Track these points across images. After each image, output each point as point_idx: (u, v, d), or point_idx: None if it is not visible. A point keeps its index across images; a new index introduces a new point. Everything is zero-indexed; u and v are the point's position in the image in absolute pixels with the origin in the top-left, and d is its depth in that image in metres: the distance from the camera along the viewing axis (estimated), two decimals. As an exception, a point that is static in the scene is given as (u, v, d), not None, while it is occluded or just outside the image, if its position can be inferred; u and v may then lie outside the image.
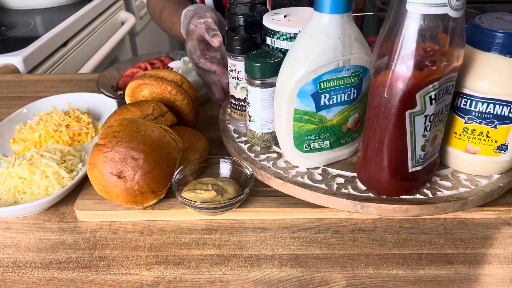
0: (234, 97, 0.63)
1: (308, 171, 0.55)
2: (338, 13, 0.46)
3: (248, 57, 0.55)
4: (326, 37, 0.46)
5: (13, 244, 0.51)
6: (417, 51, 0.42)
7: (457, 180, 0.53)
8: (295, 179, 0.54)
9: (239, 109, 0.63)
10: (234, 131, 0.65)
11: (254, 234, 0.52)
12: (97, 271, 0.47)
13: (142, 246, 0.51)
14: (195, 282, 0.46)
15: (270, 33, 0.56)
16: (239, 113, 0.64)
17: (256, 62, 0.54)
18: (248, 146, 0.61)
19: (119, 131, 0.52)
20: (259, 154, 0.59)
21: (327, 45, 0.47)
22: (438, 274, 0.46)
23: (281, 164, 0.57)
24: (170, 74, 0.63)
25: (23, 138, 0.67)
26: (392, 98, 0.44)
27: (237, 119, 0.65)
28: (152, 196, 0.52)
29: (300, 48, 0.48)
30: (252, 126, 0.59)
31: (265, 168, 0.56)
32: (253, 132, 0.59)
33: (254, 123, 0.58)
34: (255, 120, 0.58)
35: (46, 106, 0.75)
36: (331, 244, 0.50)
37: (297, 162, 0.56)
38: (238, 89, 0.61)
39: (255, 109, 0.57)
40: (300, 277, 0.46)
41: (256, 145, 0.60)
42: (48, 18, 1.47)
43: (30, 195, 0.56)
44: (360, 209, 0.50)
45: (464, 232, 0.51)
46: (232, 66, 0.60)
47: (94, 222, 0.54)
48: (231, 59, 0.60)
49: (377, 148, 0.48)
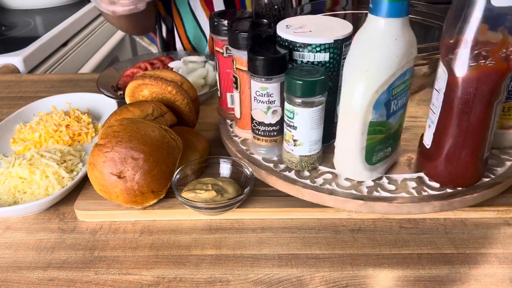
0: (263, 123, 0.56)
1: (376, 183, 0.53)
2: (406, 15, 0.44)
3: (292, 77, 0.49)
4: (396, 42, 0.45)
5: (13, 244, 0.51)
6: (506, 44, 0.43)
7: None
8: (380, 195, 0.51)
9: (269, 135, 0.57)
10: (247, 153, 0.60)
11: (254, 234, 0.52)
12: (97, 271, 0.48)
13: (142, 246, 0.51)
14: (195, 282, 0.46)
15: (298, 48, 0.52)
16: (269, 140, 0.57)
17: (308, 79, 0.48)
18: (293, 172, 0.55)
19: (119, 131, 0.52)
20: (314, 178, 0.54)
21: (399, 50, 0.45)
22: (438, 274, 0.46)
23: (344, 183, 0.53)
24: (170, 74, 0.63)
25: (23, 138, 0.67)
26: (486, 91, 0.45)
27: (263, 146, 0.58)
28: (152, 196, 0.52)
29: (370, 56, 0.46)
30: (298, 151, 0.53)
31: (334, 191, 0.52)
32: (299, 157, 0.54)
33: (301, 146, 0.53)
34: (303, 143, 0.53)
35: (46, 106, 0.75)
36: (331, 244, 0.50)
37: (363, 176, 0.53)
38: (270, 114, 0.55)
39: (304, 131, 0.52)
40: (300, 277, 0.46)
41: (301, 170, 0.55)
42: (48, 18, 1.47)
43: (30, 195, 0.56)
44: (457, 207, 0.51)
45: (464, 232, 0.51)
46: (262, 90, 0.53)
47: (94, 222, 0.54)
48: (261, 82, 0.53)
49: (463, 142, 0.48)
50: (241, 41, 0.54)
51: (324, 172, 0.55)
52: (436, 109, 0.49)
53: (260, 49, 0.53)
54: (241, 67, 0.56)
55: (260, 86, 0.53)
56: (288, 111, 0.52)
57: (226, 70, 0.62)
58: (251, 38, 0.54)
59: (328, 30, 0.53)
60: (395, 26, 0.44)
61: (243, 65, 0.55)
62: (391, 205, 0.50)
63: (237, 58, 0.56)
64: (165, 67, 0.84)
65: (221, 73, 0.63)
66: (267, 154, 0.58)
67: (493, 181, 0.53)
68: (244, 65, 0.55)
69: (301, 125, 0.52)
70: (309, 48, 0.51)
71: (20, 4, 1.56)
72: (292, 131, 0.52)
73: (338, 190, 0.52)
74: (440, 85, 0.48)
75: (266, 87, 0.53)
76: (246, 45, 0.54)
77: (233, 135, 0.63)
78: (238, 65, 0.56)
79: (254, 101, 0.55)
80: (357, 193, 0.52)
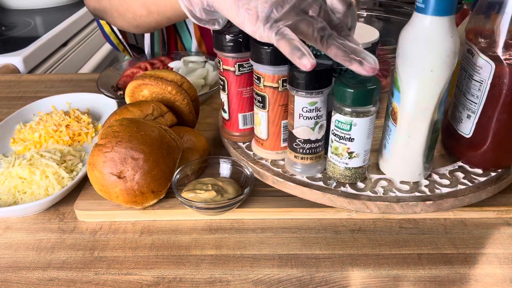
0: (309, 141, 0.52)
1: (430, 181, 0.53)
2: (456, 12, 0.45)
3: (353, 87, 0.46)
4: (452, 39, 0.45)
5: (13, 244, 0.51)
6: None
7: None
8: (441, 192, 0.51)
9: (314, 151, 0.53)
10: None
11: (254, 234, 0.52)
12: (97, 271, 0.47)
13: (142, 246, 0.51)
14: (195, 282, 0.46)
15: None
16: (314, 157, 0.53)
17: (371, 87, 0.46)
18: (347, 186, 0.53)
19: (119, 131, 0.52)
20: (372, 188, 0.52)
21: (455, 47, 0.45)
22: (438, 274, 0.46)
23: (402, 187, 0.52)
24: (170, 74, 0.63)
25: (23, 138, 0.67)
26: None
27: (305, 165, 0.54)
28: (152, 196, 0.52)
29: (432, 55, 0.45)
30: (354, 163, 0.51)
31: (400, 198, 0.51)
32: (353, 169, 0.52)
33: (357, 158, 0.51)
34: (359, 154, 0.51)
35: (46, 106, 0.75)
36: (331, 244, 0.50)
37: (421, 176, 0.53)
38: (317, 129, 0.51)
39: (360, 142, 0.50)
40: (300, 277, 0.46)
41: (355, 182, 0.53)
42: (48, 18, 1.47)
43: (30, 195, 0.56)
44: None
45: (464, 232, 0.51)
46: (310, 106, 0.49)
47: (94, 222, 0.54)
48: (310, 97, 0.49)
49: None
50: (272, 56, 0.50)
51: (378, 180, 0.54)
52: (478, 99, 0.51)
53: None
54: (271, 84, 0.52)
55: (308, 102, 0.49)
56: (343, 123, 0.49)
57: (238, 89, 0.57)
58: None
59: (355, 35, 0.51)
60: (449, 23, 0.45)
61: (273, 82, 0.52)
62: (458, 200, 0.51)
63: (265, 75, 0.51)
64: (165, 67, 0.84)
65: (232, 93, 0.58)
66: (308, 172, 0.54)
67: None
68: (274, 82, 0.51)
69: (358, 136, 0.49)
70: None
71: (20, 4, 1.56)
72: (348, 143, 0.50)
73: (404, 195, 0.51)
74: (482, 76, 0.49)
75: (315, 102, 0.49)
76: (279, 59, 0.49)
77: (257, 158, 0.58)
78: (266, 82, 0.52)
79: (299, 119, 0.51)
80: (421, 194, 0.51)
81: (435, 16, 0.44)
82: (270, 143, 0.57)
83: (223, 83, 0.58)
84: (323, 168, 0.55)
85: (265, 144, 0.57)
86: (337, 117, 0.49)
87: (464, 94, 0.52)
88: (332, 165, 0.53)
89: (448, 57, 0.45)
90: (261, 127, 0.56)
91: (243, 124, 0.60)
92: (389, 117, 0.52)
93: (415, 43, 0.46)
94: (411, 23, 0.46)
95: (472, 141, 0.54)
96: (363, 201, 0.51)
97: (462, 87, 0.53)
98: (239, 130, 0.61)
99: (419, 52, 0.46)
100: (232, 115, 0.60)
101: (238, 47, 0.53)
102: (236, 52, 0.54)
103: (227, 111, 0.60)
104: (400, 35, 0.48)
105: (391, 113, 0.51)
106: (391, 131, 0.52)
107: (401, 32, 0.48)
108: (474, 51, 0.49)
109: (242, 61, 0.55)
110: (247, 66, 0.55)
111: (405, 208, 0.50)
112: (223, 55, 0.55)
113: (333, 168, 0.53)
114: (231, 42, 0.53)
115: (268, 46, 0.49)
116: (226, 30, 0.54)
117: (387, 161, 0.54)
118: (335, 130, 0.50)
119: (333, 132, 0.51)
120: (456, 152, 0.57)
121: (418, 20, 0.45)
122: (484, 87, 0.49)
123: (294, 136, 0.52)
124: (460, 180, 0.53)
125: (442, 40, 0.45)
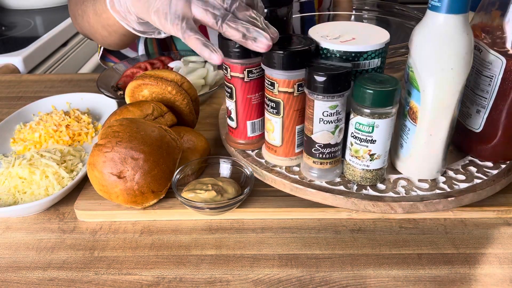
0: (329, 145, 0.51)
1: (446, 177, 0.54)
2: (470, 10, 0.45)
3: (371, 88, 0.46)
4: (468, 37, 0.45)
5: (13, 244, 0.51)
6: None
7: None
8: (459, 187, 0.52)
9: (334, 156, 0.52)
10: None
11: (254, 234, 0.52)
12: (97, 271, 0.47)
13: (142, 246, 0.51)
14: (195, 282, 0.46)
15: (354, 57, 0.49)
16: (334, 161, 0.52)
17: (394, 88, 0.46)
18: (368, 188, 0.53)
19: (119, 131, 0.52)
20: (393, 189, 0.52)
21: (471, 44, 0.46)
22: (438, 274, 0.46)
23: (421, 185, 0.53)
24: (170, 74, 0.63)
25: (23, 138, 0.67)
26: None
27: (324, 169, 0.53)
28: (152, 196, 0.52)
29: (451, 53, 0.46)
30: (375, 165, 0.51)
31: (424, 197, 0.51)
32: (374, 171, 0.52)
33: (378, 160, 0.50)
34: (381, 156, 0.50)
35: (46, 106, 0.75)
36: (331, 244, 0.50)
37: (439, 173, 0.54)
38: (337, 133, 0.50)
39: (382, 144, 0.49)
40: (300, 277, 0.46)
41: (375, 184, 0.53)
42: (48, 18, 1.47)
43: (30, 195, 0.56)
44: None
45: (464, 232, 0.51)
46: (331, 110, 0.48)
47: (94, 222, 0.54)
48: (331, 101, 0.48)
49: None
50: (288, 60, 0.48)
51: (396, 180, 0.54)
52: (488, 94, 0.52)
53: (318, 65, 0.48)
54: (286, 90, 0.51)
55: (329, 106, 0.48)
56: (365, 125, 0.48)
57: (247, 96, 0.55)
58: (299, 55, 0.48)
59: (366, 35, 0.51)
60: (465, 21, 0.45)
61: (289, 87, 0.50)
62: (476, 194, 0.52)
63: (280, 80, 0.50)
64: (165, 67, 0.84)
65: (240, 100, 0.56)
66: (326, 177, 0.53)
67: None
68: (289, 87, 0.50)
69: (380, 138, 0.49)
70: (365, 56, 0.49)
71: (20, 4, 1.56)
72: (370, 145, 0.49)
73: (427, 194, 0.51)
74: (492, 71, 0.50)
75: (335, 105, 0.48)
76: (296, 63, 0.48)
77: (271, 166, 0.56)
78: (282, 87, 0.51)
79: (319, 123, 0.49)
80: (442, 191, 0.52)
81: (451, 14, 0.44)
82: (284, 149, 0.55)
83: (230, 90, 0.56)
84: (341, 171, 0.54)
85: (278, 151, 0.56)
86: (358, 120, 0.49)
87: (473, 89, 0.53)
88: (352, 168, 0.52)
89: (467, 54, 0.46)
90: (275, 134, 0.55)
91: (252, 132, 0.59)
92: (406, 116, 0.52)
93: (432, 43, 0.46)
94: (425, 22, 0.47)
95: (482, 135, 0.55)
96: (388, 202, 0.50)
97: (469, 83, 0.53)
98: (248, 138, 0.59)
99: (438, 51, 0.46)
100: (240, 123, 0.58)
101: (247, 53, 0.51)
102: (245, 58, 0.52)
103: (234, 119, 0.58)
104: (413, 35, 0.48)
105: (409, 112, 0.51)
106: (409, 130, 0.52)
107: (414, 31, 0.48)
108: (482, 47, 0.50)
109: (251, 67, 0.53)
110: (256, 72, 0.54)
111: (428, 206, 0.50)
112: (230, 62, 0.53)
113: (352, 171, 0.52)
114: (239, 48, 0.51)
115: (282, 51, 0.48)
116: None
117: (404, 160, 0.54)
118: (355, 133, 0.50)
119: (353, 135, 0.50)
120: (464, 147, 0.58)
121: (434, 19, 0.45)
122: (495, 82, 0.50)
123: (313, 141, 0.51)
124: (474, 174, 0.54)
125: (459, 38, 0.45)
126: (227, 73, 0.55)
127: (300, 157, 0.56)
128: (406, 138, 0.52)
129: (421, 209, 0.50)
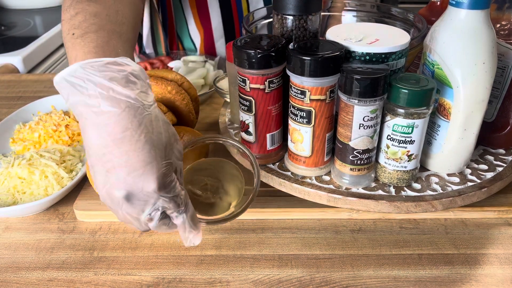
0: (368, 150, 0.49)
1: (471, 169, 0.55)
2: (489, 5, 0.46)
3: (410, 89, 0.45)
4: (492, 31, 0.46)
5: (13, 244, 0.51)
6: None
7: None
8: (486, 177, 0.53)
9: (371, 161, 0.51)
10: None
11: (254, 235, 0.52)
12: (96, 272, 0.47)
13: (142, 246, 0.50)
14: (195, 282, 0.46)
15: (384, 58, 0.48)
16: (371, 166, 0.51)
17: (426, 87, 0.46)
18: (407, 190, 0.52)
19: (119, 131, 0.51)
20: (430, 186, 0.52)
21: (495, 37, 0.47)
22: (438, 275, 0.46)
23: (452, 179, 0.53)
24: (170, 74, 0.63)
25: (23, 138, 0.67)
26: None
27: (361, 176, 0.51)
28: (152, 196, 0.52)
29: (480, 47, 0.46)
30: (412, 165, 0.50)
31: (461, 191, 0.51)
32: (410, 172, 0.51)
33: (415, 160, 0.50)
34: (418, 156, 0.50)
35: (45, 106, 0.75)
36: (331, 244, 0.50)
37: (464, 167, 0.55)
38: (375, 138, 0.49)
39: (419, 143, 0.49)
40: (300, 277, 0.46)
41: (410, 184, 0.52)
42: (48, 18, 1.47)
43: (30, 195, 0.56)
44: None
45: (464, 232, 0.51)
46: (371, 114, 0.47)
47: (93, 222, 0.54)
48: (373, 105, 0.46)
49: None
50: (322, 66, 0.46)
51: (428, 177, 0.53)
52: (501, 84, 0.54)
53: (355, 69, 0.46)
54: (318, 97, 0.48)
55: (370, 110, 0.47)
56: (405, 127, 0.48)
57: (268, 108, 0.52)
58: (332, 61, 0.46)
59: (387, 36, 0.51)
60: (488, 15, 0.46)
61: (321, 94, 0.48)
62: (503, 182, 0.53)
63: (313, 88, 0.47)
64: (165, 67, 0.84)
65: (260, 113, 0.52)
66: (359, 183, 0.52)
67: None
68: (322, 94, 0.48)
69: (418, 138, 0.49)
70: (393, 56, 0.49)
71: (20, 4, 1.56)
72: (408, 146, 0.49)
73: (462, 187, 0.52)
74: (504, 62, 0.53)
75: (376, 109, 0.47)
76: (330, 68, 0.47)
77: (300, 178, 0.53)
78: (314, 95, 0.48)
79: (359, 129, 0.48)
80: (473, 183, 0.52)
81: (476, 10, 0.45)
82: (313, 159, 0.53)
83: (249, 104, 0.51)
84: (375, 175, 0.53)
85: (307, 161, 0.53)
86: (396, 121, 0.48)
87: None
88: (388, 171, 0.51)
89: (494, 48, 0.47)
90: (304, 144, 0.52)
91: (271, 144, 0.55)
92: (435, 114, 0.52)
93: (461, 39, 0.46)
94: (448, 19, 0.47)
95: (494, 125, 0.57)
96: (429, 201, 0.50)
97: None
98: (267, 151, 0.55)
99: (468, 47, 0.46)
100: (259, 137, 0.54)
101: (268, 62, 0.48)
102: (267, 68, 0.49)
103: (253, 133, 0.54)
104: (434, 32, 0.49)
105: (439, 109, 0.51)
106: (439, 127, 0.52)
107: (436, 29, 0.48)
108: None
109: (273, 76, 0.50)
110: (276, 81, 0.51)
111: (465, 199, 0.51)
112: (250, 73, 0.49)
113: (389, 174, 0.51)
114: (261, 57, 0.48)
115: (315, 57, 0.45)
116: (250, 45, 0.49)
117: (434, 156, 0.54)
118: (392, 135, 0.49)
119: (389, 137, 0.49)
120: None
121: (459, 15, 0.46)
122: (507, 72, 0.53)
123: (351, 148, 0.49)
124: (494, 162, 0.56)
125: (486, 32, 0.46)
126: (245, 85, 0.51)
127: (329, 165, 0.54)
128: (436, 135, 0.53)
129: (458, 203, 0.51)
